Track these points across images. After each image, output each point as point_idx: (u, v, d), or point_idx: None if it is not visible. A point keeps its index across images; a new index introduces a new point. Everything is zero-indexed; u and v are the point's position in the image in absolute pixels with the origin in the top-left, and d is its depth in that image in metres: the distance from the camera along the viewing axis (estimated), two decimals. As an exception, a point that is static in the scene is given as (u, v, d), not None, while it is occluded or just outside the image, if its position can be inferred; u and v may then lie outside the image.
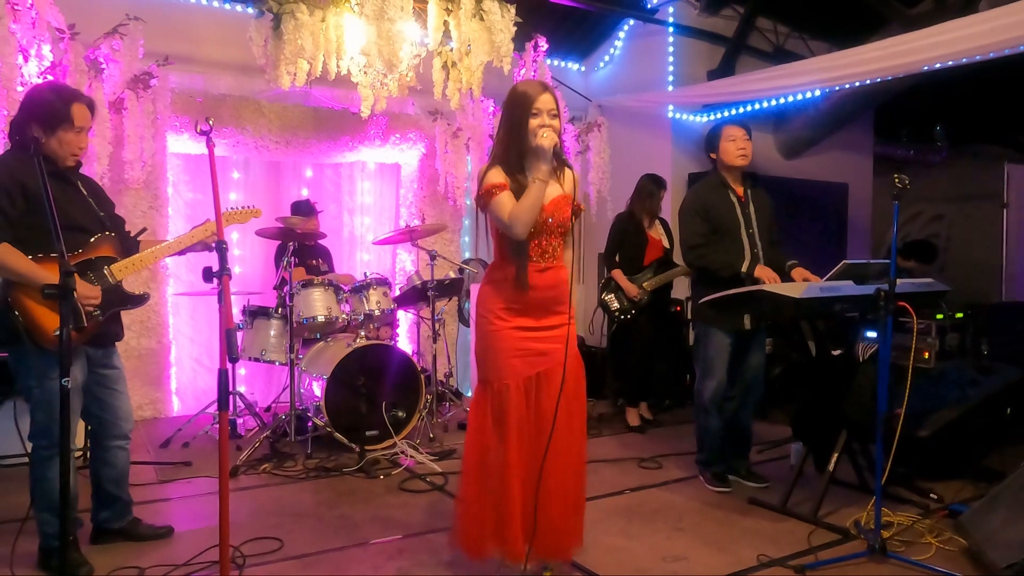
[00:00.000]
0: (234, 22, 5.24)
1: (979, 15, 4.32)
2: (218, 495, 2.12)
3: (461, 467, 2.63)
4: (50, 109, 2.63)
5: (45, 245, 2.54)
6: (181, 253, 3.00)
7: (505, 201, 2.46)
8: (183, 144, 5.26)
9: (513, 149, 2.53)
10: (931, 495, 3.51)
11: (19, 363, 2.69)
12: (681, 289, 5.58)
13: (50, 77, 4.13)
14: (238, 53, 4.96)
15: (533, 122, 2.48)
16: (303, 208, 5.24)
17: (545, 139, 2.45)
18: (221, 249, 2.11)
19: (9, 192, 2.52)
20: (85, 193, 2.82)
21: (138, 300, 2.91)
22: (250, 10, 4.41)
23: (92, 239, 2.75)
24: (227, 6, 5.45)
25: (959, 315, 5.17)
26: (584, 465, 2.65)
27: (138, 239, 3.00)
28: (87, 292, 2.66)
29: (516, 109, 2.52)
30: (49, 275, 2.42)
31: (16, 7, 3.94)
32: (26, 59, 4.02)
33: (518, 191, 2.48)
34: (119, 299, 2.82)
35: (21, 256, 2.53)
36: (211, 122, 2.27)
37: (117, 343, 2.95)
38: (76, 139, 2.70)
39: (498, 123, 2.63)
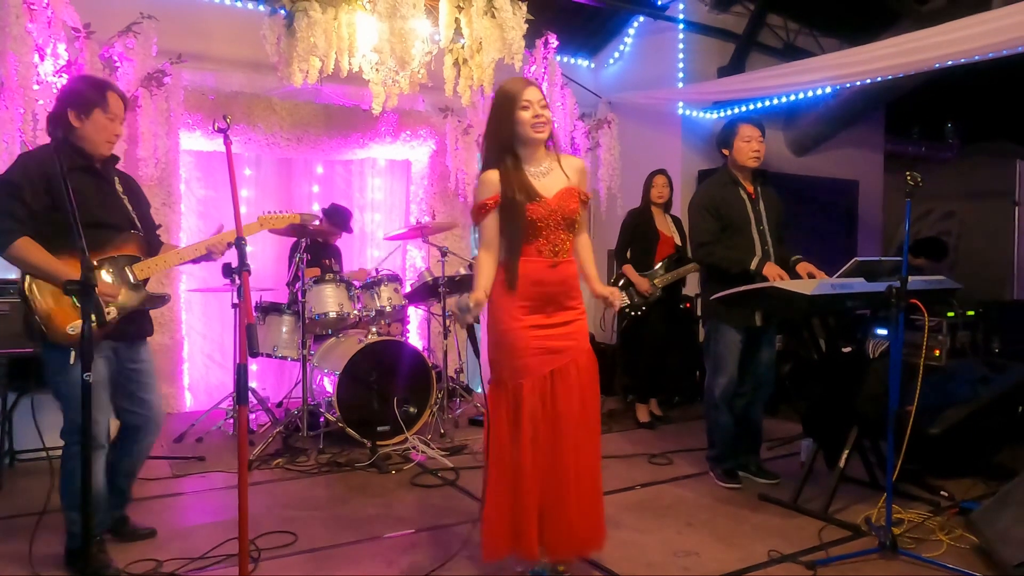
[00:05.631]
0: (246, 20, 5.27)
1: (992, 12, 4.29)
2: (232, 489, 2.14)
3: (485, 469, 2.61)
4: (84, 94, 2.65)
5: (69, 241, 2.49)
6: (196, 261, 2.97)
7: (488, 228, 2.52)
8: (195, 141, 5.30)
9: (505, 144, 2.53)
10: (942, 492, 3.50)
11: (44, 360, 2.67)
12: (692, 286, 5.58)
13: (65, 76, 4.17)
14: (250, 51, 4.99)
15: (524, 114, 2.50)
16: (338, 219, 5.23)
17: (539, 132, 2.51)
18: (240, 246, 2.12)
19: (33, 185, 2.51)
20: (120, 190, 2.81)
21: (158, 300, 2.90)
22: (262, 8, 4.44)
23: (118, 237, 2.73)
24: (239, 4, 5.47)
25: (970, 313, 5.15)
26: (599, 463, 2.64)
27: (162, 242, 3.00)
28: (106, 288, 2.64)
29: (503, 106, 2.52)
30: (68, 271, 2.44)
31: (32, 6, 3.98)
32: (42, 58, 4.05)
33: (511, 188, 2.49)
34: (138, 299, 2.80)
35: (41, 250, 2.52)
36: (228, 120, 2.28)
37: (148, 338, 2.94)
38: (111, 124, 2.70)
39: (486, 127, 2.60)
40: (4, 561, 2.82)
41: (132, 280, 2.74)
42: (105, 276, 2.68)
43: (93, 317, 2.01)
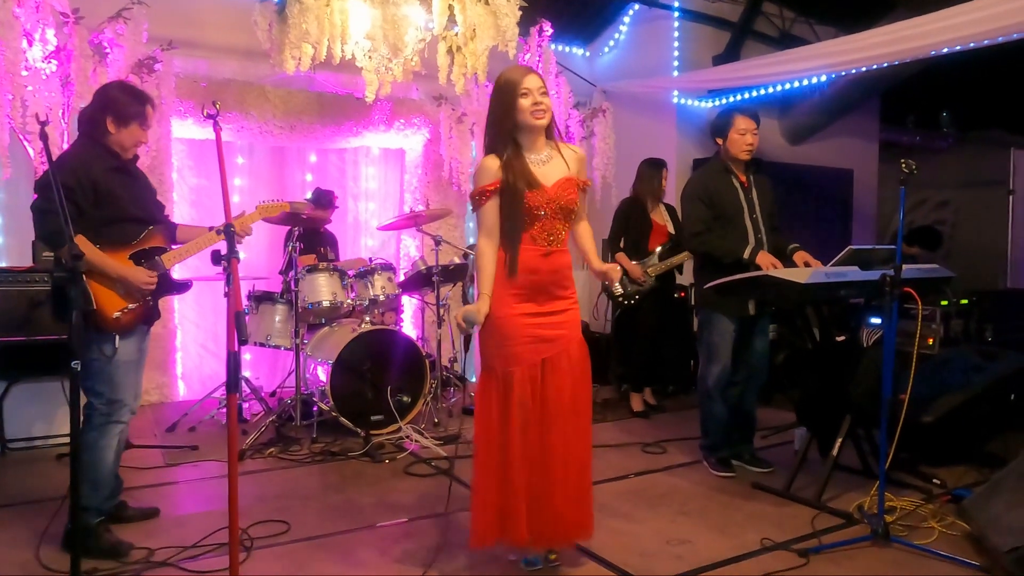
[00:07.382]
0: (238, 6, 5.21)
1: (987, -1, 4.28)
2: (225, 478, 2.13)
3: (473, 456, 2.64)
4: (127, 106, 2.85)
5: (105, 235, 2.78)
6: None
7: (488, 214, 2.53)
8: (187, 129, 5.26)
9: (505, 132, 2.53)
10: (934, 480, 3.52)
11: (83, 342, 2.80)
12: (686, 275, 5.58)
13: (54, 62, 4.12)
14: (242, 38, 4.94)
15: (524, 102, 2.49)
16: (323, 199, 5.22)
17: (539, 119, 2.51)
18: (229, 233, 2.12)
19: (83, 188, 2.71)
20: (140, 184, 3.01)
21: (183, 287, 3.14)
22: (254, -6, 4.39)
23: (148, 230, 2.93)
24: (231, -10, 5.41)
25: (964, 301, 5.16)
26: (589, 452, 2.64)
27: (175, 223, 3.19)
28: (145, 277, 2.84)
29: (504, 95, 2.52)
30: (116, 263, 2.77)
31: (20, -9, 3.92)
32: (30, 43, 4.00)
33: (511, 174, 2.49)
34: (168, 286, 3.02)
35: (91, 246, 2.70)
36: (218, 106, 2.28)
37: None
38: (143, 135, 2.95)
39: (487, 114, 2.61)
40: (1, 548, 2.82)
41: (162, 270, 2.93)
42: (140, 267, 2.87)
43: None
